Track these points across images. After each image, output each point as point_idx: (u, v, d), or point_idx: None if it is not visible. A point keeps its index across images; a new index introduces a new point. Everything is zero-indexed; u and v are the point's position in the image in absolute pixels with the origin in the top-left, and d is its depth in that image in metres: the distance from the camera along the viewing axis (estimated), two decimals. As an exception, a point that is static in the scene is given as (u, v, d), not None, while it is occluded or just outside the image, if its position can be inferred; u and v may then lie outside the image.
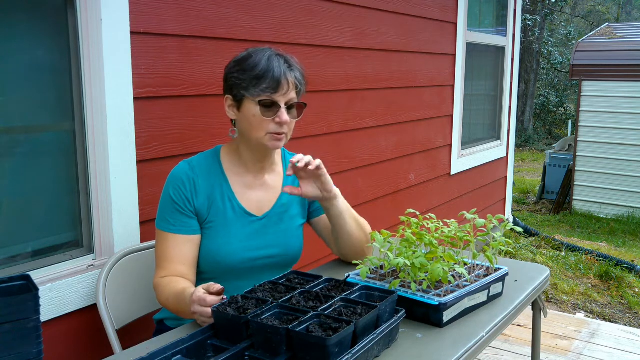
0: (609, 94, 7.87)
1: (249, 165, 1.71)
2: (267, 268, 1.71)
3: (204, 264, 1.66)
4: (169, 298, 1.55)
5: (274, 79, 1.57)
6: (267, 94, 1.58)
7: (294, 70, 1.64)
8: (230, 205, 1.67)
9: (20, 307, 1.10)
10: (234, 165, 1.71)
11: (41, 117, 1.80)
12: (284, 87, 1.59)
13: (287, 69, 1.61)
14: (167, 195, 1.65)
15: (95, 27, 1.78)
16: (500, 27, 5.04)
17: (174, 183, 1.64)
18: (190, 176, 1.65)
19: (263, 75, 1.57)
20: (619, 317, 4.29)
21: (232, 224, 1.66)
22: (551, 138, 16.85)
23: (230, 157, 1.71)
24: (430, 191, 4.02)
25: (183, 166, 1.67)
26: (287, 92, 1.60)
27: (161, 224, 1.64)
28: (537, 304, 1.92)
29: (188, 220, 1.63)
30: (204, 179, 1.66)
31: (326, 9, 2.82)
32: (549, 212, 8.61)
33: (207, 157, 1.71)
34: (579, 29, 18.66)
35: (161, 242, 1.64)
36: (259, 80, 1.57)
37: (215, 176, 1.68)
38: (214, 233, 1.65)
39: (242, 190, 1.70)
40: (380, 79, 3.32)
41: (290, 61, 1.65)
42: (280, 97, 1.59)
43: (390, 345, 1.35)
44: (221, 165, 1.70)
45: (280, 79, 1.58)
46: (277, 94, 1.58)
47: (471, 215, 1.66)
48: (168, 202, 1.64)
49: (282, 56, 1.64)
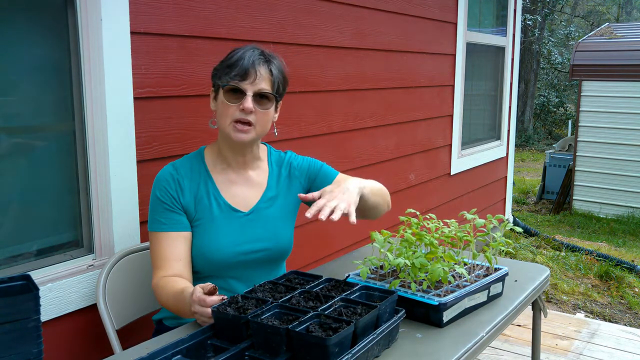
0: (609, 94, 7.87)
1: (230, 161, 1.73)
2: (259, 262, 1.72)
3: (197, 263, 1.68)
4: (168, 299, 1.56)
5: (242, 67, 1.61)
6: (235, 81, 1.61)
7: (270, 64, 1.65)
8: (216, 203, 1.69)
9: (20, 307, 1.10)
10: (216, 163, 1.74)
11: (41, 117, 1.80)
12: (252, 75, 1.61)
13: (261, 60, 1.64)
14: (154, 197, 1.68)
15: (95, 27, 1.78)
16: (500, 27, 5.04)
17: (159, 185, 1.67)
18: (175, 176, 1.68)
19: (234, 63, 1.62)
20: (619, 317, 4.29)
21: (219, 220, 1.68)
22: (551, 138, 16.84)
23: (213, 156, 1.74)
24: (430, 191, 4.02)
25: (167, 168, 1.70)
26: (254, 81, 1.62)
27: (153, 225, 1.66)
28: (537, 304, 1.92)
29: (178, 217, 1.65)
30: (188, 178, 1.69)
31: (326, 9, 2.82)
32: (549, 212, 8.61)
33: (191, 158, 1.74)
34: (579, 29, 18.65)
35: (155, 242, 1.65)
36: (229, 68, 1.62)
37: (199, 175, 1.71)
38: (202, 231, 1.67)
39: (226, 187, 1.72)
40: (380, 79, 3.32)
41: (269, 56, 1.67)
42: (247, 85, 1.61)
43: (390, 345, 1.35)
44: (205, 165, 1.73)
45: (248, 67, 1.61)
46: (244, 81, 1.61)
47: (471, 215, 1.66)
48: (157, 203, 1.66)
49: (261, 50, 1.66)
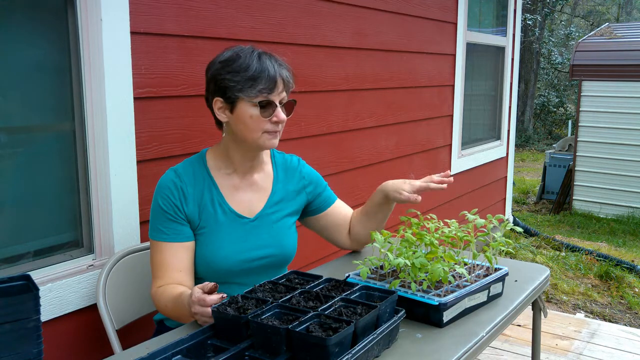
0: (609, 94, 7.87)
1: (237, 166, 1.70)
2: (263, 268, 1.70)
3: (201, 270, 1.66)
4: (167, 304, 1.55)
5: (269, 79, 1.57)
6: (264, 95, 1.57)
7: (284, 68, 1.64)
8: (221, 210, 1.66)
9: (20, 307, 1.10)
10: (220, 168, 1.70)
11: (41, 117, 1.80)
12: (280, 86, 1.60)
13: (279, 67, 1.61)
14: (156, 205, 1.64)
15: (95, 27, 1.78)
16: (500, 27, 5.04)
17: (162, 192, 1.63)
18: (178, 184, 1.64)
19: (259, 75, 1.56)
20: (619, 317, 4.29)
21: (224, 227, 1.66)
22: (551, 138, 16.84)
23: (217, 160, 1.70)
24: (430, 191, 4.01)
25: (169, 175, 1.66)
26: (281, 91, 1.61)
27: (154, 234, 1.63)
28: (537, 304, 1.92)
29: (181, 228, 1.62)
30: (191, 185, 1.65)
31: (326, 9, 2.82)
32: (549, 212, 8.61)
33: (193, 162, 1.70)
34: (579, 29, 18.65)
35: (156, 252, 1.63)
36: (254, 81, 1.56)
37: (203, 181, 1.67)
38: (207, 239, 1.64)
39: (231, 192, 1.69)
40: (380, 79, 3.31)
41: (279, 59, 1.65)
42: (275, 97, 1.59)
43: (390, 345, 1.35)
44: (208, 170, 1.69)
45: (276, 78, 1.58)
46: (273, 93, 1.58)
47: (472, 215, 1.66)
48: (159, 212, 1.63)
49: (270, 55, 1.64)
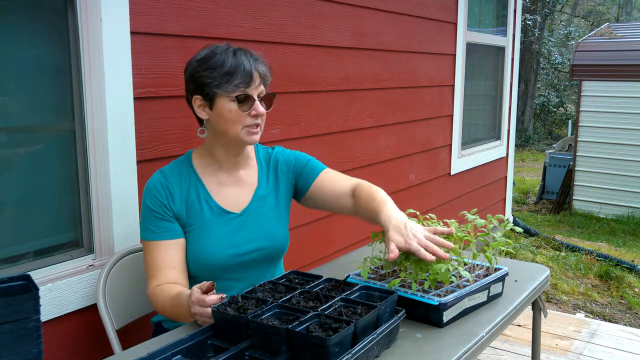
0: (609, 94, 7.87)
1: (222, 163, 1.71)
2: (256, 262, 1.71)
3: (193, 268, 1.66)
4: (165, 305, 1.55)
5: (245, 74, 1.59)
6: (241, 89, 1.59)
7: (260, 63, 1.65)
8: (207, 206, 1.68)
9: (20, 307, 1.10)
10: (206, 166, 1.72)
11: (41, 117, 1.80)
12: (256, 80, 1.61)
13: (255, 62, 1.63)
14: (145, 206, 1.66)
15: (95, 27, 1.78)
16: (500, 27, 5.04)
17: (149, 193, 1.66)
18: (164, 183, 1.66)
19: (234, 70, 1.58)
20: (619, 317, 4.29)
21: (211, 224, 1.67)
22: (551, 138, 16.84)
23: (202, 159, 1.72)
24: (430, 191, 4.02)
25: (156, 176, 1.68)
26: (258, 85, 1.62)
27: (145, 235, 1.65)
28: (537, 304, 1.92)
29: (170, 225, 1.64)
30: (177, 184, 1.67)
31: (326, 9, 2.82)
32: (549, 212, 8.61)
33: (179, 163, 1.72)
34: (579, 29, 18.65)
35: (148, 251, 1.64)
36: (231, 76, 1.58)
37: (189, 180, 1.69)
38: (195, 236, 1.66)
39: (217, 189, 1.71)
40: (380, 79, 3.31)
41: (255, 54, 1.66)
42: (253, 91, 1.61)
43: (390, 345, 1.35)
44: (194, 169, 1.71)
45: (252, 72, 1.60)
46: (250, 87, 1.60)
47: (472, 215, 1.66)
48: (147, 212, 1.65)
49: (246, 50, 1.65)
